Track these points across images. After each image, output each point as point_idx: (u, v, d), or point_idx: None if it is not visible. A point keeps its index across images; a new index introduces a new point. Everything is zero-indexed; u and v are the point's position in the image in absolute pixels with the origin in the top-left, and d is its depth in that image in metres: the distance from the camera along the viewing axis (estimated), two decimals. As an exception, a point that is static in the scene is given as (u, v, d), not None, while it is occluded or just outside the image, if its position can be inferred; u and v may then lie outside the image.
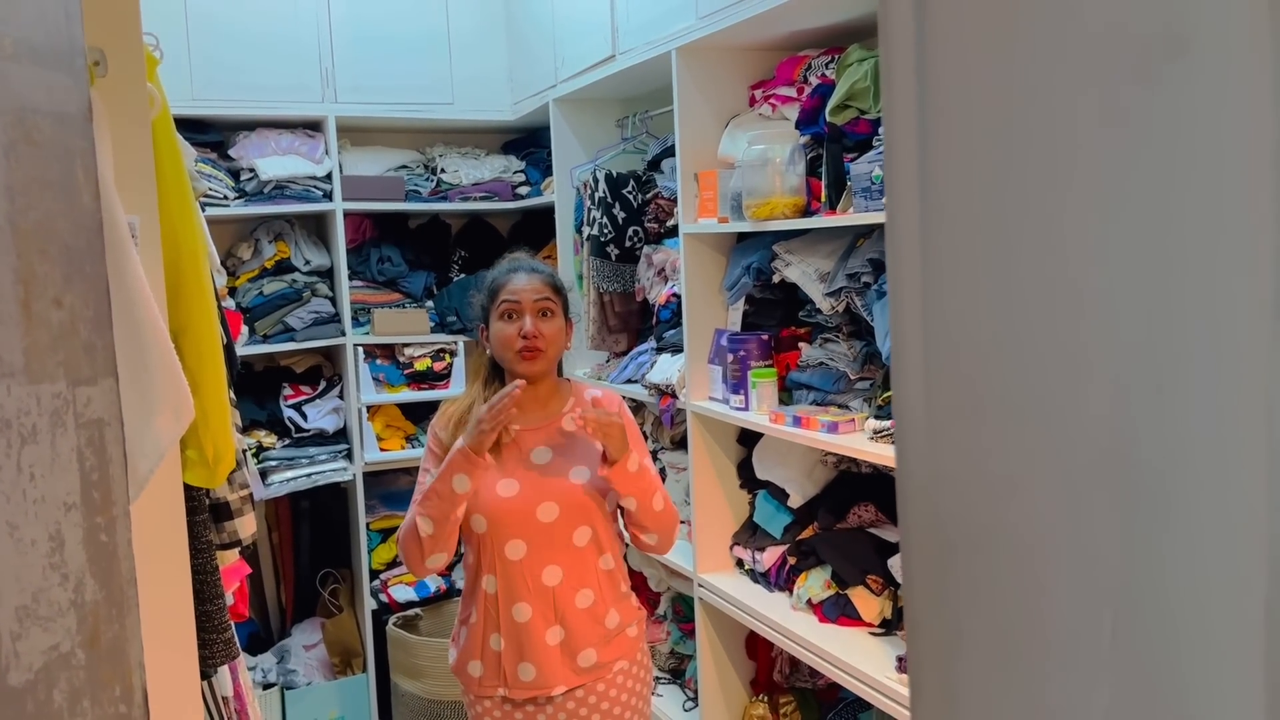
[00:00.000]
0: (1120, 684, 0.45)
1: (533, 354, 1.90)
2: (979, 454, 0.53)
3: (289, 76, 3.36)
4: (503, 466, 1.90)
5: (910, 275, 0.55)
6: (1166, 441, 0.42)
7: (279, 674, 3.47)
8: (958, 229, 0.53)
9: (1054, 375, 0.48)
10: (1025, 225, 0.49)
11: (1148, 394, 0.43)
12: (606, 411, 1.86)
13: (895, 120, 0.55)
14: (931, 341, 0.54)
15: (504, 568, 1.88)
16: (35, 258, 0.66)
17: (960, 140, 0.52)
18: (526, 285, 1.93)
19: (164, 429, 1.03)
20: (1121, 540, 0.45)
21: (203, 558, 1.32)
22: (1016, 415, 0.50)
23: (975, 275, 0.52)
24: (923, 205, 0.54)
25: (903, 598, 2.17)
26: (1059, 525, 0.48)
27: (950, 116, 0.52)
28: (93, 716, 0.70)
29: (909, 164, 0.54)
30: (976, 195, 0.52)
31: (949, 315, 0.54)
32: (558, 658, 1.88)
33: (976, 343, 0.52)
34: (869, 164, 1.98)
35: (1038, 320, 0.49)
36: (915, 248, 0.54)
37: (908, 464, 0.57)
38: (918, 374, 0.55)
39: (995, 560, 0.52)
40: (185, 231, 1.19)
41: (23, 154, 0.65)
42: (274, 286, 3.42)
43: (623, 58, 2.81)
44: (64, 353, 0.69)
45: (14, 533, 0.63)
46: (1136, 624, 0.44)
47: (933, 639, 0.56)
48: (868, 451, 2.00)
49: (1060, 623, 0.48)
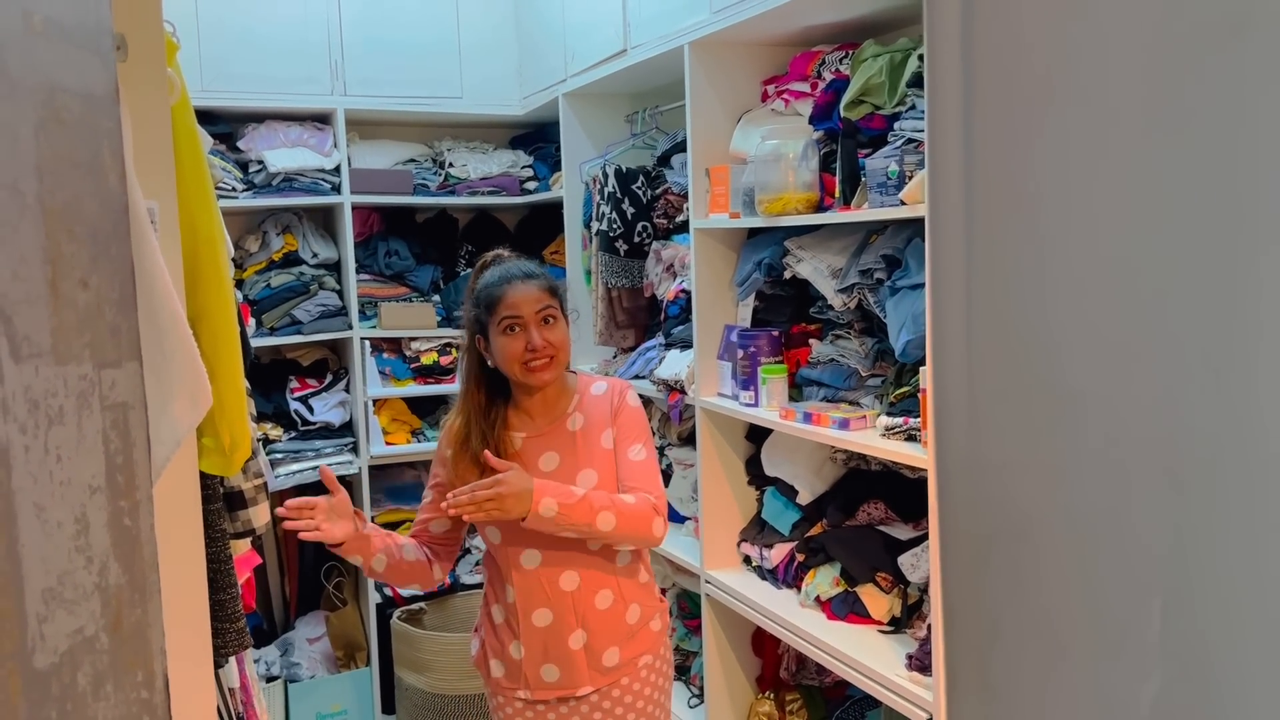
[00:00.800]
0: (1171, 673, 0.44)
1: (543, 365, 1.85)
2: (1023, 443, 0.52)
3: (298, 69, 3.36)
4: None
5: (954, 262, 0.54)
6: (1221, 428, 0.42)
7: (282, 667, 3.47)
8: (1003, 215, 0.52)
9: (1104, 361, 0.47)
10: (1074, 209, 0.48)
11: (1203, 380, 0.42)
12: (472, 489, 1.71)
13: (940, 107, 0.54)
14: (975, 330, 0.53)
15: (521, 577, 1.86)
16: (63, 238, 0.66)
17: (1008, 124, 0.51)
18: (525, 296, 1.84)
19: (181, 416, 1.03)
20: (1172, 529, 0.44)
21: (216, 546, 1.32)
22: (1063, 403, 0.49)
23: (1021, 261, 0.51)
24: (968, 192, 0.53)
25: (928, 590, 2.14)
26: (1107, 514, 0.47)
27: (998, 102, 0.51)
28: (115, 701, 0.69)
29: (954, 150, 0.53)
30: (1023, 181, 0.51)
31: (994, 302, 0.53)
32: (582, 660, 1.87)
33: (1022, 330, 0.51)
34: (883, 159, 1.97)
35: (1086, 304, 0.48)
36: (959, 234, 0.54)
37: (946, 454, 0.57)
38: (960, 363, 0.54)
39: (1039, 550, 0.51)
40: (203, 218, 1.19)
41: (52, 133, 0.65)
42: (281, 279, 3.42)
43: (634, 52, 2.80)
44: (90, 334, 0.68)
45: (40, 514, 0.62)
46: (1187, 613, 0.44)
47: (970, 630, 0.56)
48: (879, 448, 1.99)
49: (1108, 612, 0.48)
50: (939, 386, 0.57)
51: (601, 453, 1.89)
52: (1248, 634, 0.43)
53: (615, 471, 1.89)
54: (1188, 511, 0.45)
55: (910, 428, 1.96)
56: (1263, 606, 0.42)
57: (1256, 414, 0.42)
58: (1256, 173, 0.41)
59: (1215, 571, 0.44)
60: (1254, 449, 0.42)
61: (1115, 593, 0.49)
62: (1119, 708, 0.48)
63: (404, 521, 3.62)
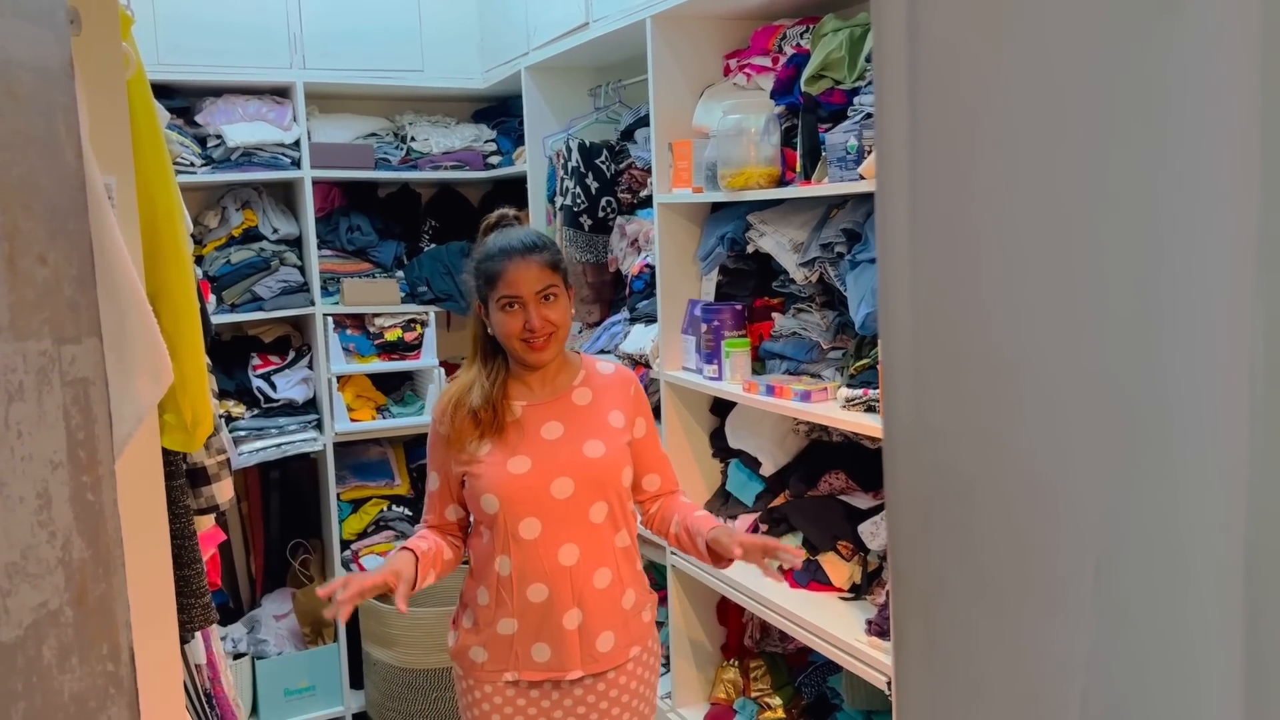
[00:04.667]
0: (1103, 627, 0.47)
1: (542, 345, 1.81)
2: (964, 410, 0.54)
3: (256, 42, 3.31)
4: (511, 444, 1.82)
5: (899, 234, 0.56)
6: (1153, 393, 0.44)
7: (249, 644, 3.47)
8: (947, 183, 0.54)
9: (1042, 330, 0.49)
10: (1015, 179, 0.50)
11: (1134, 346, 0.44)
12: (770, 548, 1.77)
13: (886, 78, 0.55)
14: (920, 297, 0.55)
15: (518, 548, 1.79)
16: (19, 213, 0.66)
17: (951, 95, 0.53)
18: (524, 275, 1.78)
19: (143, 392, 1.03)
20: (1106, 488, 0.46)
21: (180, 522, 1.32)
22: (1002, 372, 0.51)
23: (964, 228, 0.53)
24: (912, 161, 0.55)
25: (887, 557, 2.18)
26: (1044, 475, 0.49)
27: (941, 71, 0.53)
28: (81, 674, 0.70)
29: (900, 120, 0.55)
30: (966, 150, 0.52)
31: (937, 269, 0.55)
32: (575, 641, 1.82)
33: (964, 298, 0.53)
34: (844, 134, 1.99)
35: (1027, 274, 0.50)
36: (904, 200, 0.55)
37: (894, 417, 0.58)
38: (906, 330, 0.56)
39: (980, 513, 0.53)
40: (162, 194, 1.18)
41: (5, 108, 0.64)
42: (241, 255, 3.38)
43: (596, 25, 2.79)
44: (49, 310, 0.68)
45: (3, 489, 0.62)
46: (1119, 568, 0.46)
47: (916, 589, 0.58)
48: (840, 419, 2.02)
49: (1044, 569, 0.50)
50: (887, 356, 0.59)
51: (610, 429, 1.87)
52: (1175, 587, 0.45)
53: (622, 448, 1.87)
54: (1118, 473, 0.47)
55: (870, 399, 1.99)
56: (1185, 560, 0.45)
57: (1180, 382, 0.44)
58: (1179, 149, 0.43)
59: (1145, 529, 0.46)
60: (1177, 414, 0.44)
61: (1052, 552, 0.51)
62: (1056, 659, 0.51)
63: (369, 498, 3.62)
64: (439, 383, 3.55)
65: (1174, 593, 0.44)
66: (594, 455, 1.82)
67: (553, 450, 1.82)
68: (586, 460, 1.82)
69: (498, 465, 1.80)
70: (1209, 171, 0.42)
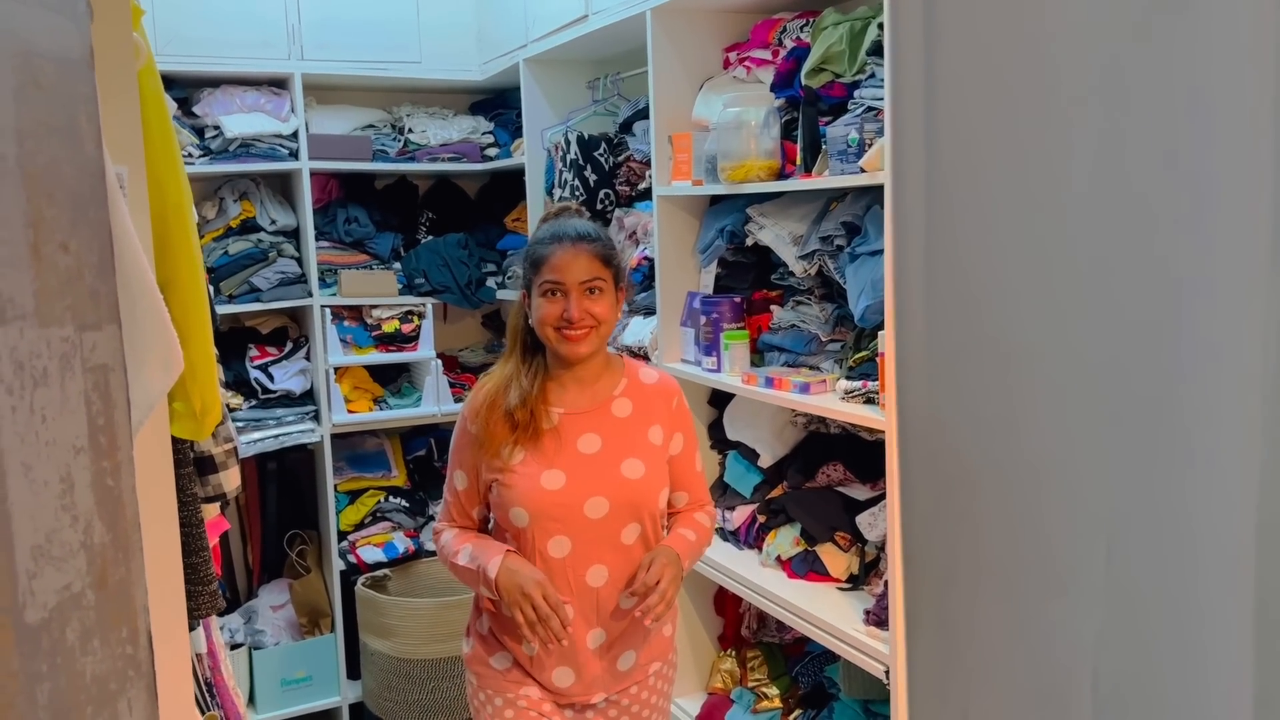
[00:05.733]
0: (1114, 607, 0.48)
1: (578, 336, 1.71)
2: (978, 395, 0.55)
3: (255, 32, 3.31)
4: (546, 455, 1.73)
5: (914, 222, 0.57)
6: (1163, 379, 0.45)
7: (246, 634, 3.48)
8: (962, 178, 0.55)
9: (1053, 318, 0.50)
10: (1027, 175, 0.51)
11: (1147, 334, 0.45)
12: (650, 586, 1.68)
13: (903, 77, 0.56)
14: (934, 289, 0.56)
15: (545, 566, 1.70)
16: (43, 202, 0.66)
17: (965, 92, 0.54)
18: (571, 261, 1.71)
19: (154, 380, 1.03)
20: (1117, 472, 0.47)
21: (188, 510, 1.33)
22: (1016, 357, 0.52)
23: (979, 221, 0.54)
24: (928, 158, 0.56)
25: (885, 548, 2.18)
26: (1056, 460, 0.51)
27: (956, 70, 0.54)
28: (102, 656, 0.71)
29: (916, 119, 0.56)
30: (980, 146, 0.53)
31: (951, 262, 0.56)
32: (596, 663, 1.75)
33: (977, 289, 0.54)
34: (844, 127, 2.00)
35: (1037, 266, 0.51)
36: (920, 196, 0.56)
37: (906, 404, 0.60)
38: (918, 320, 0.57)
39: (992, 495, 0.54)
40: (171, 183, 1.18)
41: (30, 97, 0.65)
42: (239, 246, 3.38)
43: (595, 18, 2.79)
44: (71, 297, 0.69)
45: (28, 473, 0.63)
46: (1131, 550, 0.47)
47: (928, 572, 0.59)
48: (839, 411, 2.04)
49: (1056, 552, 0.51)
50: (900, 346, 0.60)
51: (648, 446, 1.79)
52: (1187, 569, 0.46)
53: (660, 469, 1.79)
54: (1129, 460, 0.48)
55: (869, 391, 2.00)
56: (1197, 543, 0.46)
57: (1190, 368, 0.45)
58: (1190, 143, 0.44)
59: (1158, 512, 0.47)
60: (1188, 399, 0.45)
61: (1064, 534, 0.52)
62: (1066, 641, 0.52)
63: (366, 490, 3.63)
64: (436, 374, 3.55)
65: (1183, 575, 0.45)
66: (632, 476, 1.74)
67: (589, 466, 1.73)
68: (624, 481, 1.73)
69: (530, 478, 1.71)
70: (1220, 167, 0.43)
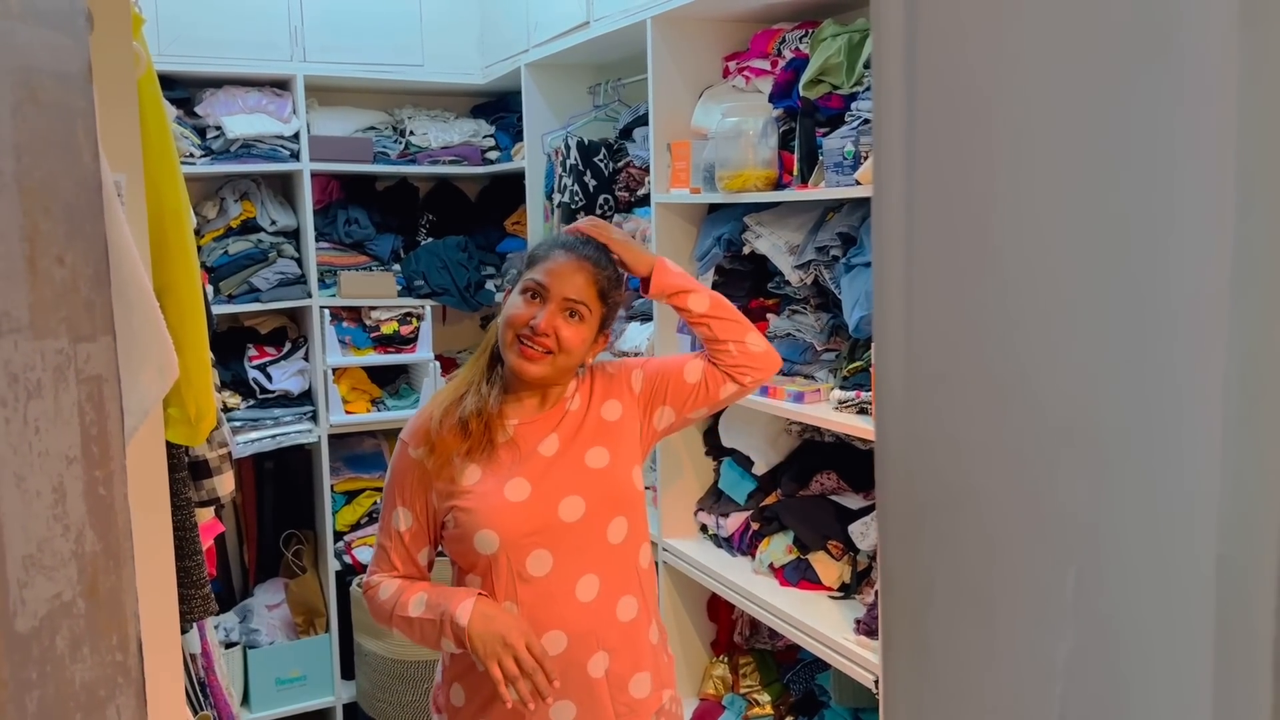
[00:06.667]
0: (1081, 634, 0.49)
1: (534, 353, 1.54)
2: (954, 421, 0.56)
3: (257, 34, 3.32)
4: (504, 467, 1.56)
5: (895, 255, 0.58)
6: (1129, 412, 0.46)
7: (241, 633, 3.49)
8: (941, 210, 0.56)
9: (1025, 350, 0.51)
10: (1004, 211, 0.52)
11: (1112, 369, 0.46)
12: (595, 223, 1.57)
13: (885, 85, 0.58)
14: (914, 317, 0.58)
15: (527, 589, 1.51)
16: (40, 215, 0.67)
17: (945, 124, 0.55)
18: (566, 274, 1.56)
19: (149, 386, 1.04)
20: (1085, 502, 0.48)
21: (182, 514, 1.34)
22: (991, 386, 0.53)
23: (957, 256, 0.55)
24: (908, 188, 0.57)
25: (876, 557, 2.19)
26: (1027, 488, 0.52)
27: (937, 101, 0.55)
28: (92, 663, 0.72)
29: (897, 127, 0.57)
30: (959, 179, 0.55)
31: (931, 293, 0.57)
32: (604, 691, 1.53)
33: (955, 319, 0.55)
34: (840, 139, 2.01)
35: (1012, 300, 0.52)
36: (900, 229, 0.57)
37: (886, 429, 0.61)
38: (899, 346, 0.58)
39: (966, 520, 0.55)
40: (169, 190, 1.20)
41: (28, 114, 0.66)
42: (239, 246, 3.39)
43: (597, 25, 2.81)
44: (66, 310, 0.70)
45: (20, 484, 0.64)
46: (1097, 579, 0.48)
47: (906, 593, 0.60)
48: (832, 421, 2.05)
49: (1026, 579, 0.52)
50: (881, 365, 0.61)
51: (608, 427, 1.63)
52: (1150, 597, 0.47)
53: (628, 446, 1.63)
54: (1099, 487, 0.49)
55: (862, 401, 2.01)
56: (1159, 572, 0.47)
57: (1154, 402, 0.46)
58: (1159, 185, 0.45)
59: (1122, 542, 0.48)
60: (1152, 431, 0.46)
61: (1034, 561, 0.53)
62: (1037, 664, 0.53)
63: (362, 490, 3.63)
64: (434, 376, 3.56)
65: (1148, 603, 0.46)
66: (598, 465, 1.59)
67: (553, 467, 1.57)
68: (591, 471, 1.58)
69: (492, 494, 1.53)
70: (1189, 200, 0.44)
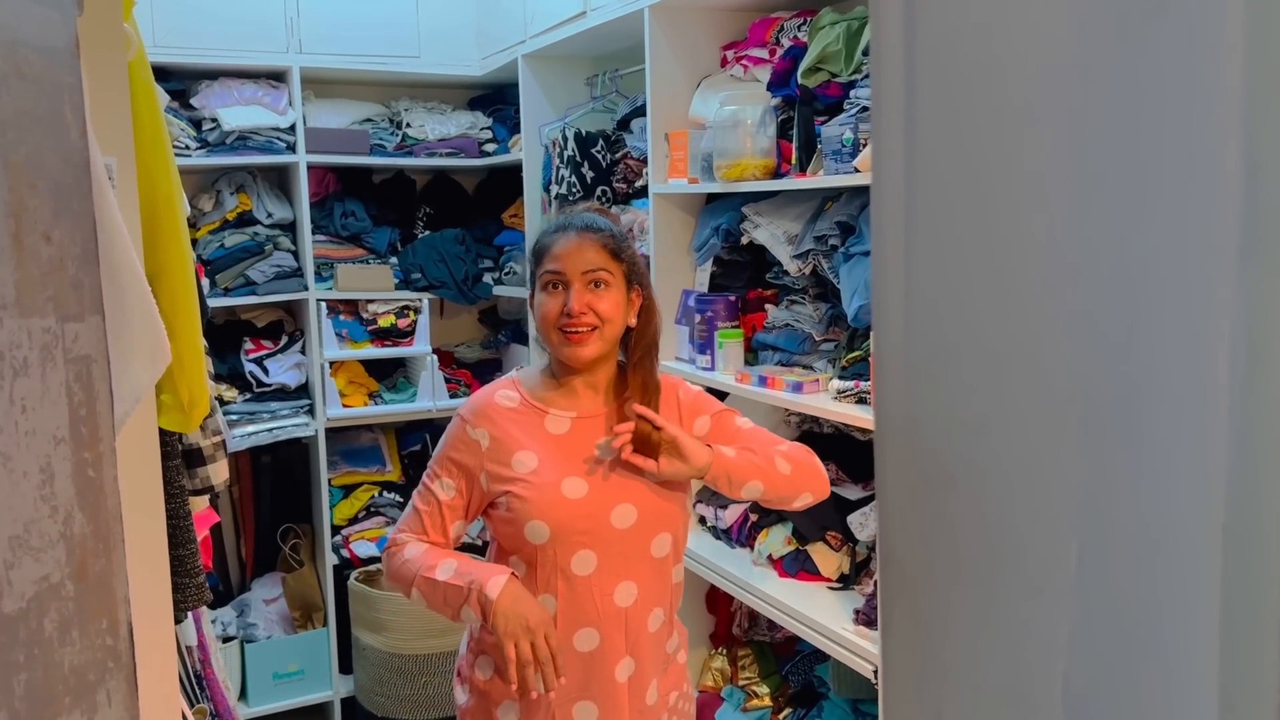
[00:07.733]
0: (1085, 609, 0.48)
1: (580, 335, 1.54)
2: (953, 396, 0.55)
3: (253, 25, 3.30)
4: (558, 461, 1.56)
5: (893, 226, 0.57)
6: (1132, 383, 0.45)
7: (239, 627, 3.48)
8: (940, 183, 0.55)
9: (1026, 321, 0.50)
10: (1003, 180, 0.51)
11: (1116, 339, 0.45)
12: (646, 418, 1.51)
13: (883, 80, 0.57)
14: (912, 290, 0.57)
15: (568, 586, 1.53)
16: (25, 192, 0.66)
17: (944, 94, 0.54)
18: (575, 251, 1.55)
19: (141, 372, 1.04)
20: (1088, 475, 0.47)
21: (175, 503, 1.33)
22: (990, 359, 0.53)
23: (955, 227, 0.54)
24: (907, 161, 0.56)
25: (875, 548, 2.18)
26: (1029, 462, 0.51)
27: (935, 71, 0.54)
28: (81, 647, 0.71)
29: (895, 121, 0.56)
30: (958, 149, 0.54)
31: (929, 265, 0.56)
32: (625, 696, 1.56)
33: (954, 292, 0.55)
34: (839, 127, 2.00)
35: (1012, 273, 0.51)
36: (899, 201, 0.56)
37: (885, 405, 0.60)
38: (898, 321, 0.57)
39: (966, 498, 0.55)
40: (161, 175, 1.19)
41: (13, 87, 0.65)
42: (235, 239, 3.38)
43: (594, 15, 2.79)
44: (53, 288, 0.69)
45: (7, 463, 0.63)
46: (1101, 553, 0.47)
47: (905, 573, 0.59)
48: (831, 411, 2.04)
49: (1029, 553, 0.51)
50: (879, 346, 0.60)
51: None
52: (1154, 571, 0.46)
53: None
54: (1101, 462, 0.48)
55: (861, 391, 2.00)
56: (1164, 546, 0.46)
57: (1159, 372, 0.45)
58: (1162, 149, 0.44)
59: (1126, 514, 0.47)
60: (1157, 402, 0.45)
61: (1036, 536, 0.52)
62: (1040, 642, 0.52)
63: (360, 484, 3.63)
64: (432, 369, 3.55)
65: (1153, 578, 0.45)
66: (656, 479, 1.57)
67: (612, 472, 1.56)
68: (648, 485, 1.57)
69: (549, 487, 1.54)
70: (1193, 169, 0.43)
